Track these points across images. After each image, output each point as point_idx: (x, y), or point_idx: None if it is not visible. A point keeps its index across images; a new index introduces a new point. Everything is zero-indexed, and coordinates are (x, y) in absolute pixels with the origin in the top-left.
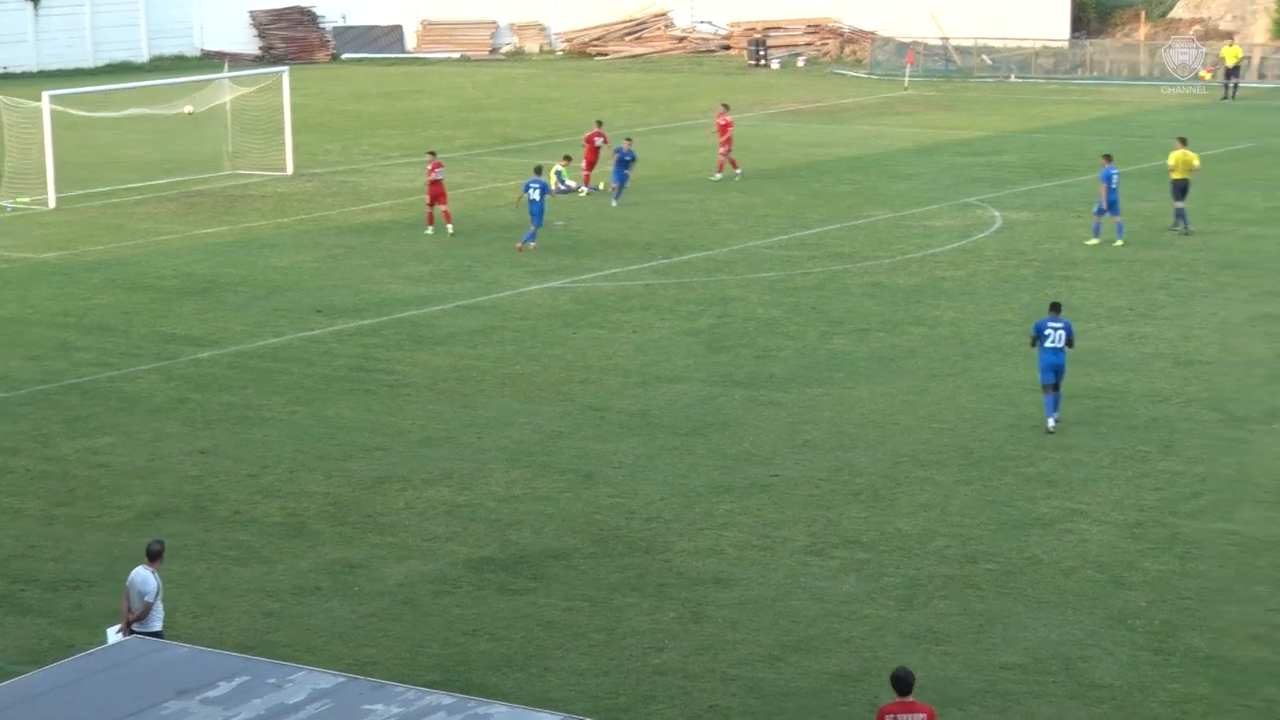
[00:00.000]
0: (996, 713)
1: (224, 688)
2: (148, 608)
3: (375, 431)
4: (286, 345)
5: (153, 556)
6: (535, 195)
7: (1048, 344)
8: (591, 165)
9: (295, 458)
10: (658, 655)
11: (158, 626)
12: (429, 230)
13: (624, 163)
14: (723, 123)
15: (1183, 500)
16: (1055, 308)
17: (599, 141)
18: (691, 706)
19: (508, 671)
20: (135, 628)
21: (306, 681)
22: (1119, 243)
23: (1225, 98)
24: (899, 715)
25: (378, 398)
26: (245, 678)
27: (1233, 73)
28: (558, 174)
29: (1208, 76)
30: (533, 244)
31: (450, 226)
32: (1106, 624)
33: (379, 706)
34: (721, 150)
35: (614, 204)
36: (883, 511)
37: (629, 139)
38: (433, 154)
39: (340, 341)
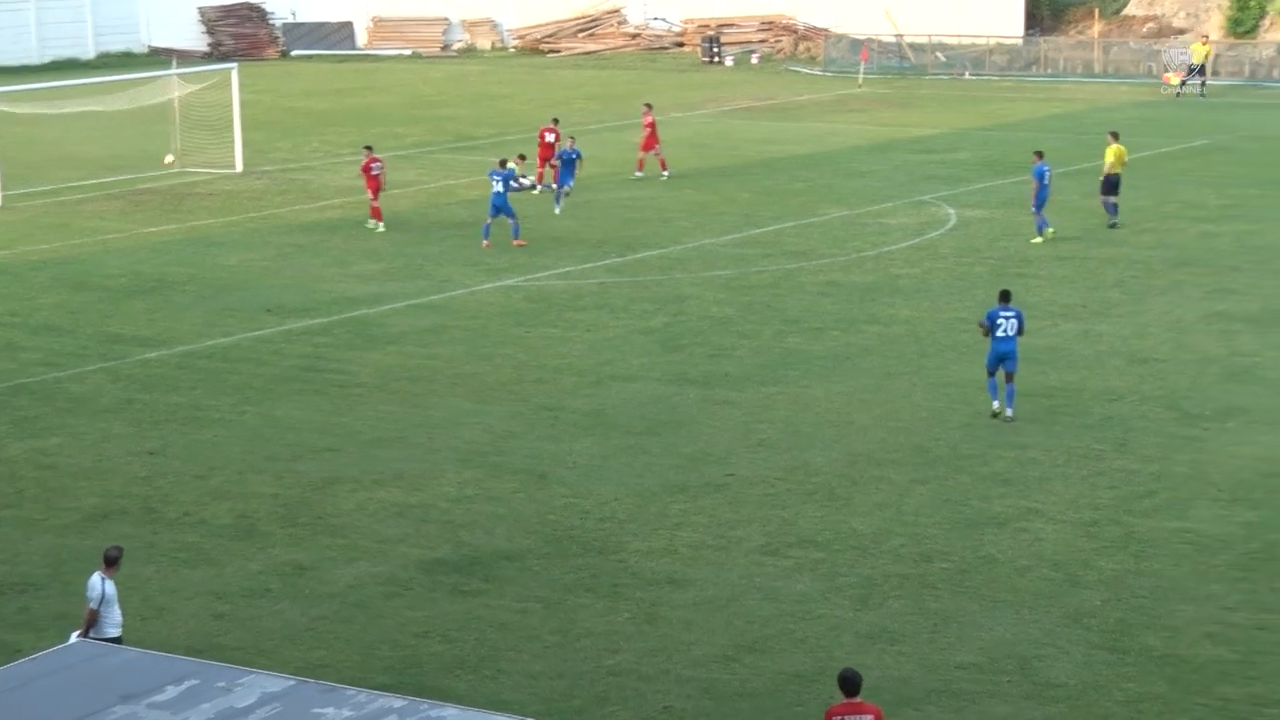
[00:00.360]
0: (952, 712)
1: (172, 692)
2: (92, 615)
3: (326, 432)
4: (236, 345)
5: (109, 562)
6: (498, 187)
7: (999, 333)
8: (545, 161)
9: (245, 459)
10: (612, 657)
11: (112, 633)
12: (380, 227)
13: (569, 163)
14: (648, 121)
15: (1138, 499)
16: (1005, 296)
17: (550, 138)
18: (646, 708)
19: (460, 674)
20: (92, 634)
21: (256, 685)
22: (1038, 240)
23: (1180, 95)
24: (846, 716)
25: (328, 398)
26: (194, 681)
27: (1199, 70)
28: (510, 172)
29: (1175, 81)
30: (518, 240)
31: (380, 225)
32: (1062, 623)
33: (330, 710)
34: (647, 150)
35: (556, 210)
36: (838, 511)
37: (573, 137)
38: (369, 149)
39: (290, 341)
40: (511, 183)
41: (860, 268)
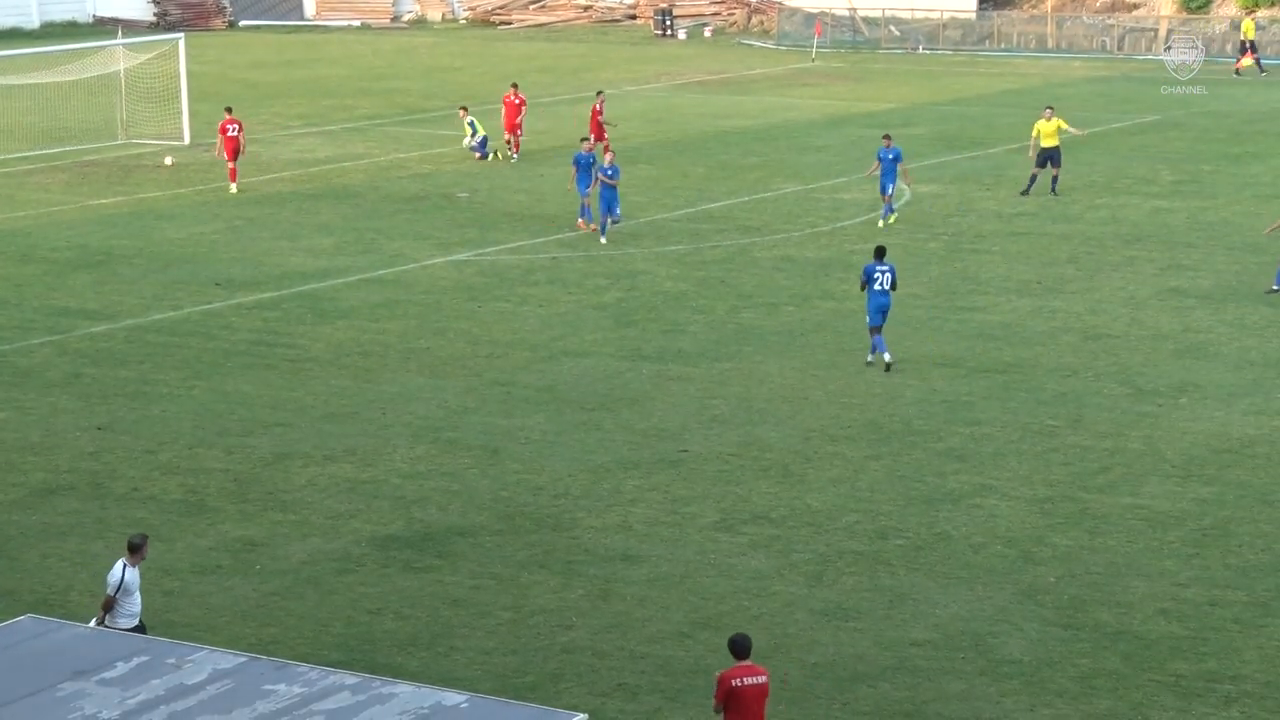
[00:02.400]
0: (907, 689)
1: (122, 668)
2: (108, 601)
3: (276, 407)
4: (185, 319)
5: (131, 550)
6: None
7: (875, 287)
8: (513, 129)
9: (194, 434)
10: (565, 633)
11: (123, 624)
12: (234, 188)
13: (612, 189)
14: (516, 102)
15: (1091, 475)
16: (880, 252)
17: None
18: (600, 684)
19: (413, 650)
20: (106, 621)
21: (207, 661)
22: (882, 224)
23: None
24: (745, 678)
25: (279, 373)
26: (144, 658)
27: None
28: (471, 124)
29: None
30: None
31: (234, 186)
32: (1016, 599)
33: (281, 686)
34: (511, 132)
35: (602, 240)
36: (792, 487)
37: (612, 151)
38: (229, 110)
39: (240, 315)
40: (473, 141)
41: (814, 243)
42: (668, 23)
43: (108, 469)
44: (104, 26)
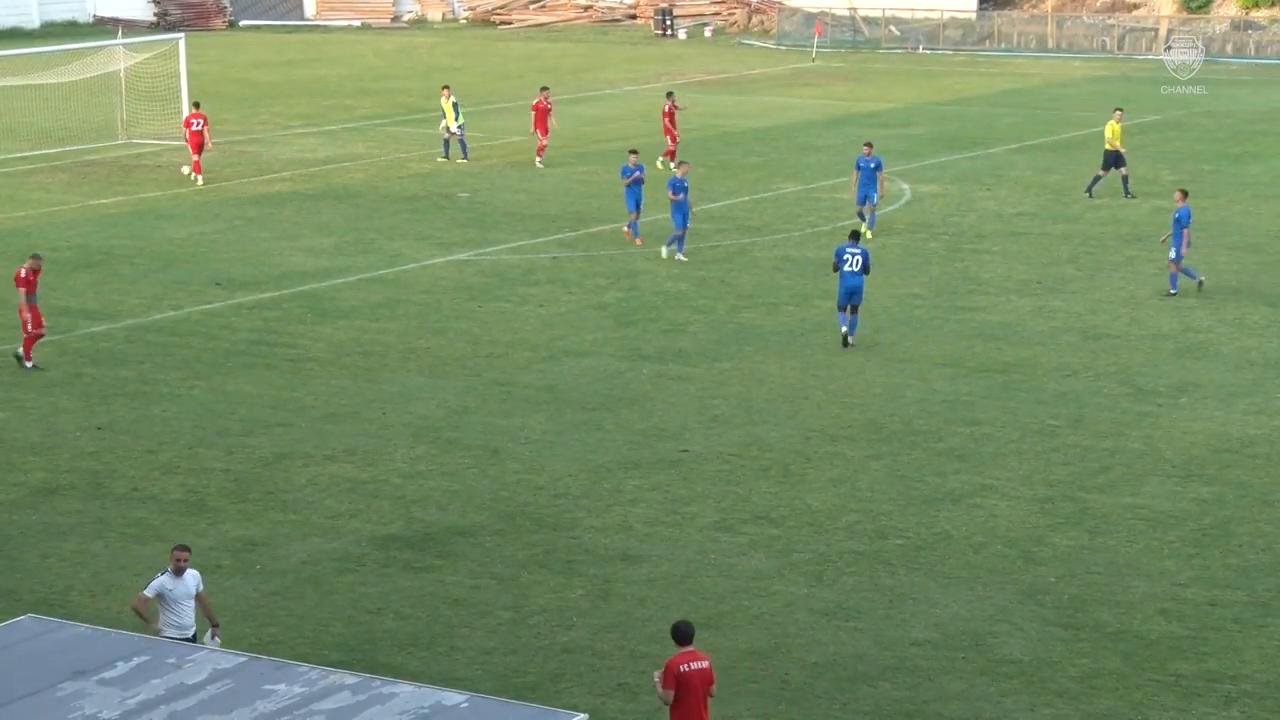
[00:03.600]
0: (907, 689)
1: (122, 668)
2: (139, 601)
3: (277, 407)
4: (185, 319)
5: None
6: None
7: (846, 268)
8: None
9: (195, 433)
10: (566, 633)
11: (170, 634)
12: (199, 181)
13: (684, 206)
14: (548, 106)
15: (1092, 475)
16: (854, 236)
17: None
18: (600, 684)
19: (413, 650)
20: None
21: (207, 661)
22: (869, 235)
23: None
24: (690, 664)
25: (279, 372)
26: (144, 658)
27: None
28: (456, 106)
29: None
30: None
31: (199, 178)
32: (1016, 599)
33: (281, 686)
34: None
35: (664, 253)
36: (792, 487)
37: (684, 162)
38: (197, 105)
39: (240, 315)
40: (451, 129)
41: (814, 243)
42: (668, 22)
43: (108, 469)
44: (104, 26)
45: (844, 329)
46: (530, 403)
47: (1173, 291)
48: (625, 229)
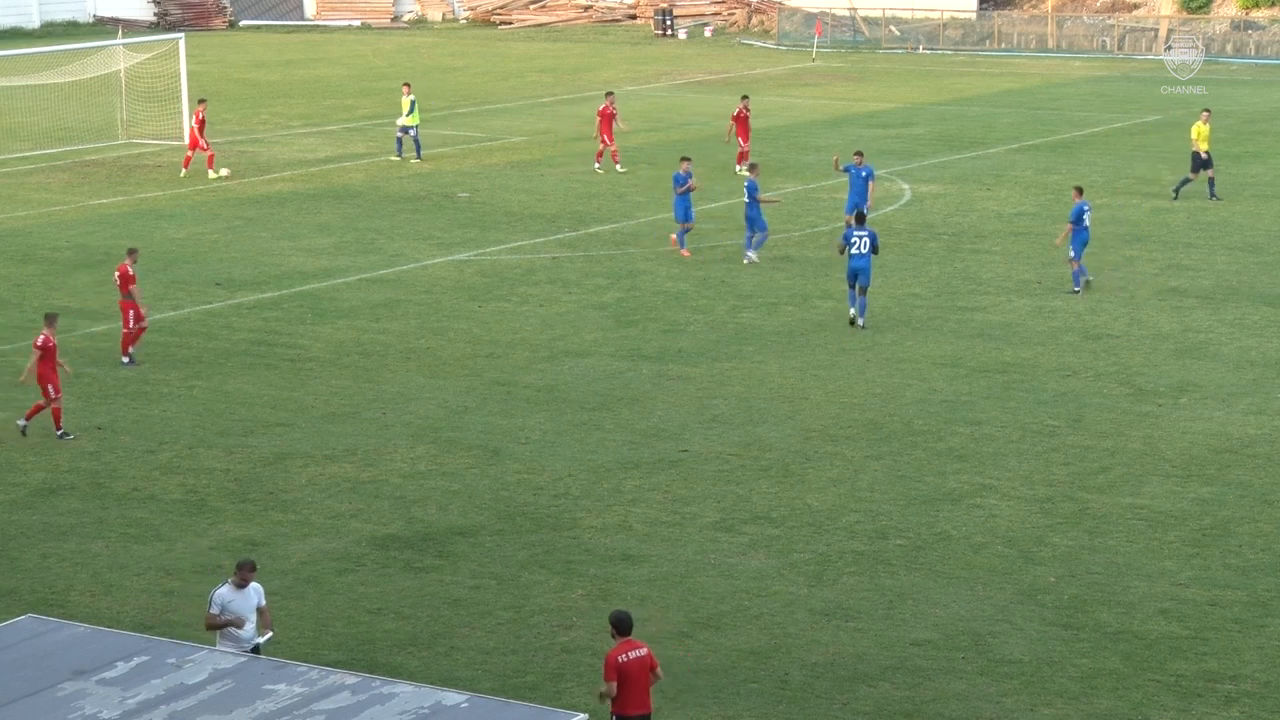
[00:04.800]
0: (907, 689)
1: (122, 668)
2: (209, 619)
3: (277, 407)
4: (185, 319)
5: (236, 569)
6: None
7: (853, 250)
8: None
9: (195, 433)
10: (566, 633)
11: (225, 646)
12: (213, 174)
13: (755, 209)
14: (612, 112)
15: (1091, 475)
16: (860, 218)
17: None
18: (599, 684)
19: (413, 650)
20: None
21: (207, 661)
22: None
23: None
24: (629, 653)
25: (279, 372)
26: (144, 658)
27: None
28: (412, 103)
29: None
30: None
31: (212, 172)
32: (1016, 599)
33: (281, 686)
34: (609, 142)
35: (747, 257)
36: (792, 487)
37: (755, 165)
38: (203, 101)
39: (240, 315)
40: (405, 129)
41: (814, 243)
42: (668, 22)
43: (108, 469)
44: (104, 26)
45: (852, 310)
46: (530, 403)
47: (1076, 289)
48: (673, 238)
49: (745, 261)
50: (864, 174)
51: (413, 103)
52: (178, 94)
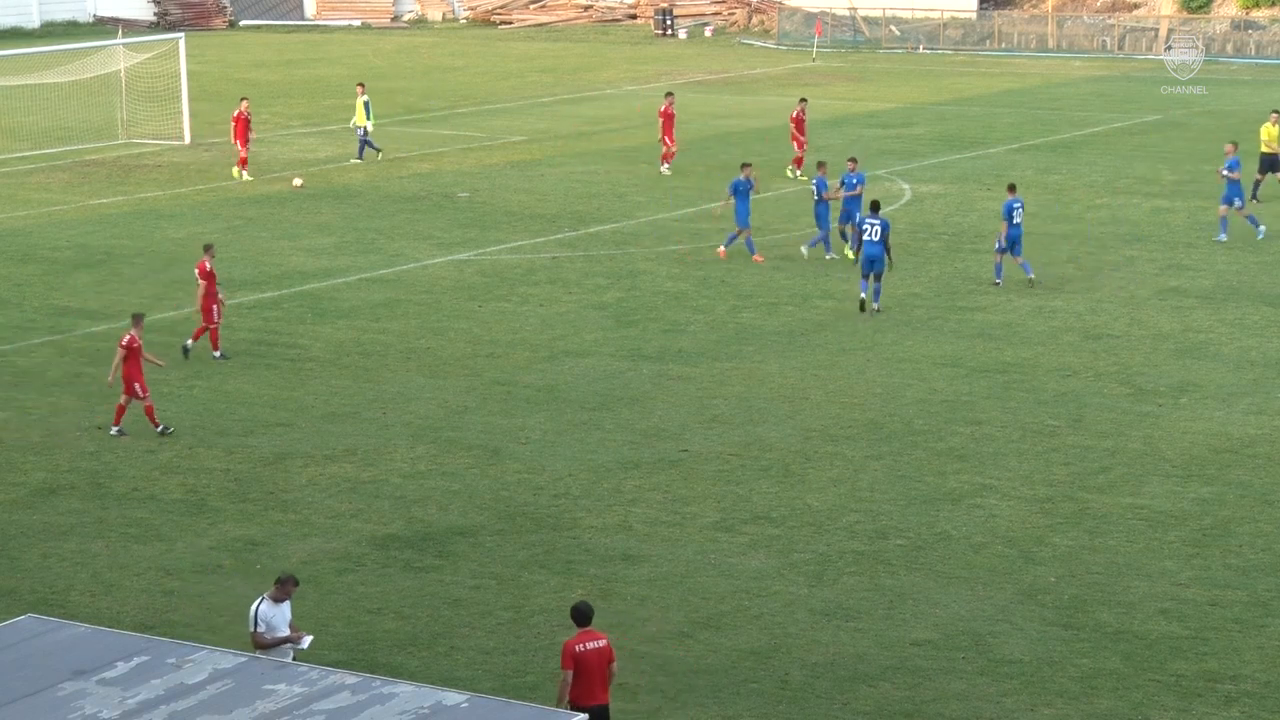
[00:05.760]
0: (907, 689)
1: (122, 668)
2: (254, 638)
3: (277, 407)
4: (185, 319)
5: (276, 583)
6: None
7: (865, 237)
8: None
9: (195, 433)
10: (566, 633)
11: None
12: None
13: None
14: (673, 113)
15: (1092, 475)
16: (875, 206)
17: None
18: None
19: (413, 650)
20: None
21: (207, 661)
22: (852, 255)
23: None
24: (586, 644)
25: (279, 372)
26: (144, 657)
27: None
28: (365, 104)
29: None
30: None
31: (239, 171)
32: (1016, 599)
33: (281, 686)
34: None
35: (807, 251)
36: (793, 487)
37: (822, 164)
38: (245, 100)
39: (240, 315)
40: (361, 128)
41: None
42: (668, 22)
43: (108, 468)
44: (104, 26)
45: (863, 295)
46: (530, 403)
47: (998, 281)
48: (720, 250)
49: (822, 255)
50: (855, 180)
51: (366, 104)
52: (178, 94)
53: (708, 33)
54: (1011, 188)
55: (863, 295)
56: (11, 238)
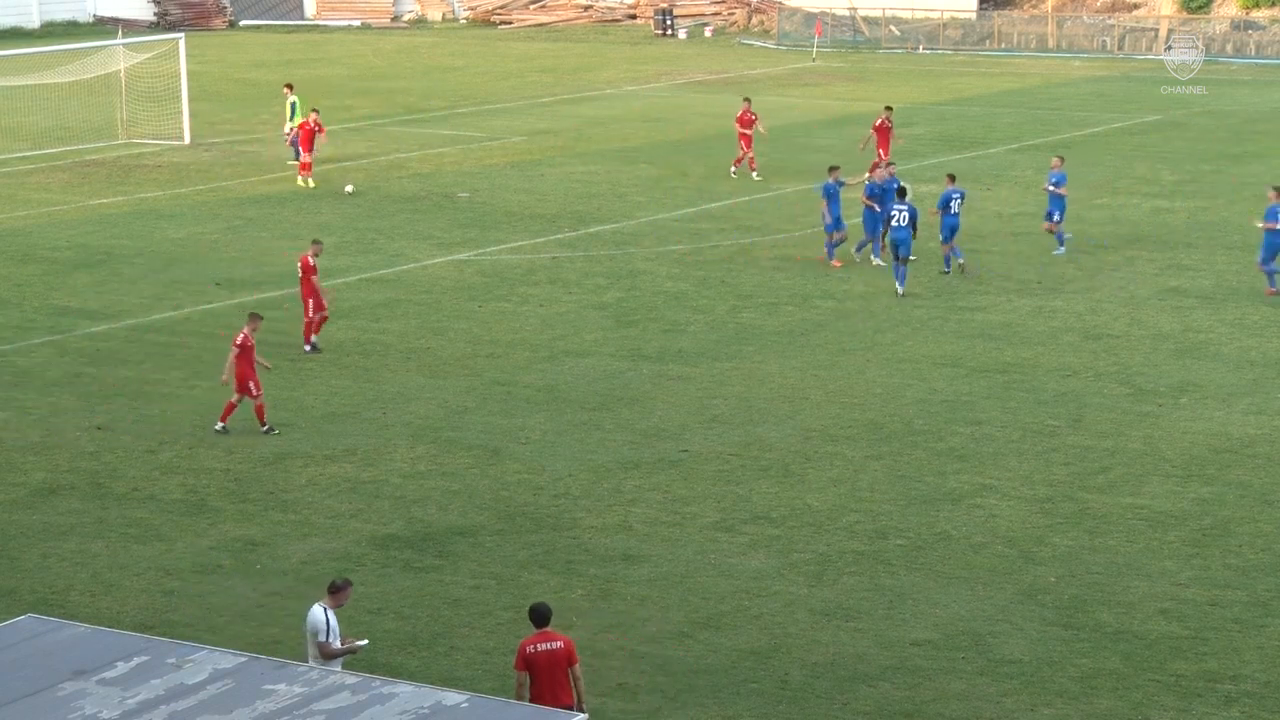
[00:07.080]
0: (907, 689)
1: (122, 668)
2: (321, 648)
3: (277, 406)
4: (185, 319)
5: (330, 592)
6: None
7: (894, 223)
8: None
9: (195, 433)
10: (566, 633)
11: (314, 662)
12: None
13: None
14: (752, 118)
15: (1092, 475)
16: (902, 192)
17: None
18: (600, 684)
19: (413, 650)
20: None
21: (207, 661)
22: (857, 257)
23: None
24: (539, 644)
25: (279, 372)
26: (144, 658)
27: None
28: (293, 105)
29: None
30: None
31: (303, 179)
32: (1016, 599)
33: (281, 686)
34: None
35: (858, 256)
36: (793, 487)
37: (892, 164)
38: (315, 111)
39: (240, 315)
40: (292, 130)
41: (814, 243)
42: (668, 22)
43: (108, 468)
44: (104, 26)
45: (898, 286)
46: (530, 403)
47: (946, 271)
48: (821, 255)
49: (874, 263)
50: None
51: (293, 105)
52: (178, 94)
53: (707, 33)
54: (951, 177)
55: (895, 281)
56: (11, 238)
